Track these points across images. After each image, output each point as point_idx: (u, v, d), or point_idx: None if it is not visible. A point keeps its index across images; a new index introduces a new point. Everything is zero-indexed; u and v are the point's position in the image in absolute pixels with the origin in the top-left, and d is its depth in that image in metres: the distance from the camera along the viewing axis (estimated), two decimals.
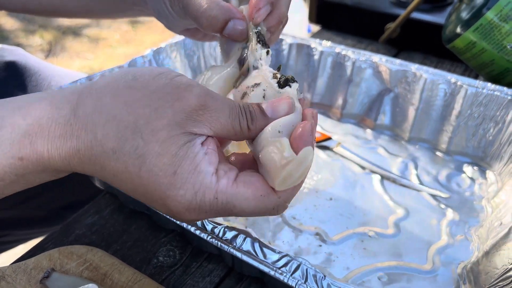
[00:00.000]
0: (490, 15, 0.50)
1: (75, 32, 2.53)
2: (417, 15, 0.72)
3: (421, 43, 0.74)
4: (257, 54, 0.34)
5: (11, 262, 0.39)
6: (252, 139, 0.28)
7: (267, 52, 0.34)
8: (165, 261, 0.41)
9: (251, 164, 0.29)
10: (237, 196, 0.26)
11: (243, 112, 0.27)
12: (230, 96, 0.32)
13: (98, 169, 0.26)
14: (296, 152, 0.25)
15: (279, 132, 0.26)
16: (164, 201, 0.25)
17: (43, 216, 0.61)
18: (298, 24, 0.92)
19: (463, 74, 0.69)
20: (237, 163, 0.28)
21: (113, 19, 0.46)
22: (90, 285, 0.33)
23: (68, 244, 0.42)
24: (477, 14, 0.51)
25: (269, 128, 0.27)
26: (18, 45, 2.39)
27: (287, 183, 0.26)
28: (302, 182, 0.27)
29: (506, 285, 0.31)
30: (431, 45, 0.72)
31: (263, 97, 0.29)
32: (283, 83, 0.29)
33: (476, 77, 0.67)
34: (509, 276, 0.31)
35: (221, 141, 0.30)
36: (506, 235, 0.36)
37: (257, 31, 0.36)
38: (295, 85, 0.29)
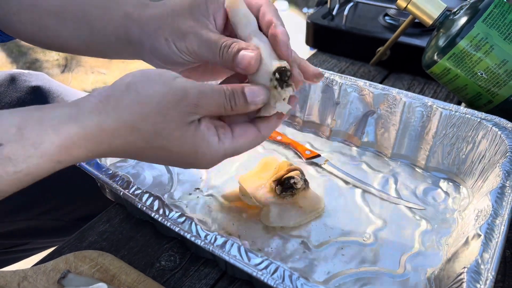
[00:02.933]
0: (462, 44, 0.55)
1: None
2: (406, 39, 0.77)
3: (410, 65, 0.79)
4: (279, 96, 0.38)
5: (32, 265, 0.45)
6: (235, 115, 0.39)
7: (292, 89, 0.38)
8: (166, 265, 0.46)
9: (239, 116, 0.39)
10: (238, 145, 0.38)
11: (228, 101, 0.36)
12: None
13: (132, 156, 0.37)
14: None
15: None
16: (194, 164, 0.38)
17: (61, 226, 0.66)
18: (302, 44, 0.98)
19: (448, 95, 0.74)
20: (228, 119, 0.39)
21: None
22: (100, 284, 0.39)
23: (82, 249, 0.47)
24: (451, 43, 0.56)
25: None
26: (36, 60, 2.49)
27: None
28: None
29: (457, 287, 0.35)
30: (419, 67, 0.77)
31: None
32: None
33: (459, 101, 0.72)
34: (461, 279, 0.35)
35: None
36: (464, 244, 0.41)
37: (281, 69, 0.37)
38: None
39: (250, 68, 0.37)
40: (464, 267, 0.35)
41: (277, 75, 0.37)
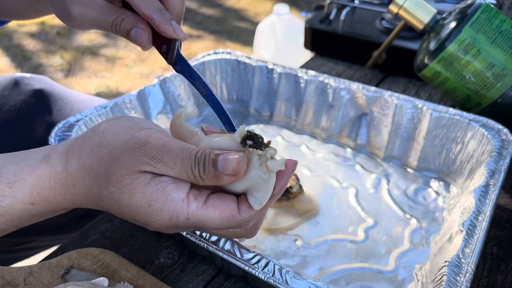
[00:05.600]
0: (451, 48, 0.57)
1: (93, 52, 2.65)
2: (402, 43, 0.79)
3: (406, 68, 0.80)
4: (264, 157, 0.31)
5: (37, 261, 0.47)
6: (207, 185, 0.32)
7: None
8: (165, 262, 0.48)
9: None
10: (206, 217, 0.31)
11: (196, 164, 0.31)
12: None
13: (95, 205, 0.34)
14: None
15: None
16: (147, 223, 0.33)
17: (64, 223, 0.68)
18: (301, 47, 1.00)
19: (442, 97, 0.76)
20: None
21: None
22: (101, 278, 0.40)
23: (84, 247, 0.49)
24: (441, 46, 0.58)
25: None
26: (40, 65, 2.52)
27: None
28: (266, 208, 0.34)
29: (439, 279, 0.37)
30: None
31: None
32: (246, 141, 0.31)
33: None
34: (442, 272, 0.37)
35: None
36: (448, 239, 0.42)
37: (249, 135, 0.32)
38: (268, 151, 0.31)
39: (240, 173, 0.31)
40: (446, 261, 0.37)
41: (248, 141, 0.32)
